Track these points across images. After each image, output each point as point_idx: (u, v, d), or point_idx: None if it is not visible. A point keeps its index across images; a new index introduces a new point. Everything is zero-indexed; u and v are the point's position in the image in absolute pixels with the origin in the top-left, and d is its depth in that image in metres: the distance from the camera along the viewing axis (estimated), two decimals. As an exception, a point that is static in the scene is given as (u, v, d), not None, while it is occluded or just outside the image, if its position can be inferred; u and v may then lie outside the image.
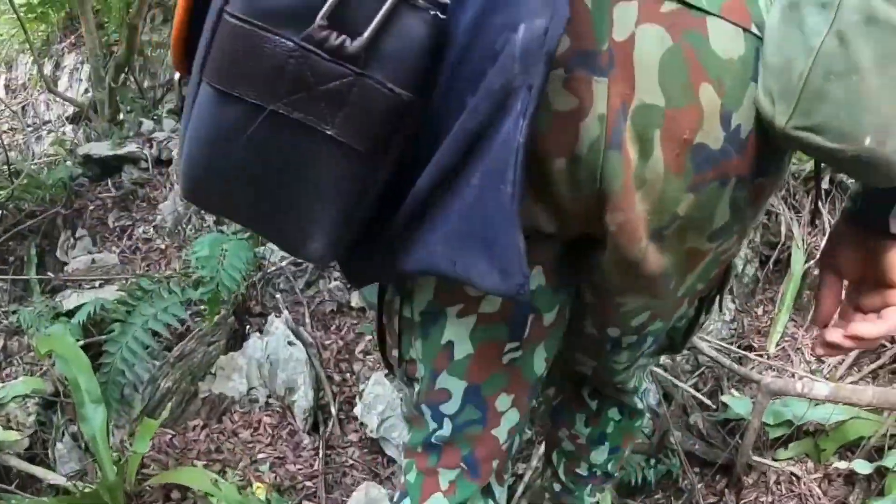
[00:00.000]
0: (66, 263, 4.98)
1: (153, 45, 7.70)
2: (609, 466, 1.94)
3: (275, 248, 4.00)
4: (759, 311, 4.24)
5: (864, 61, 0.80)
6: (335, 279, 3.94)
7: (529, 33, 0.80)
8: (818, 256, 3.65)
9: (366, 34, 0.80)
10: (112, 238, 5.03)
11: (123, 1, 8.06)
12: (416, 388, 1.28)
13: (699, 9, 0.90)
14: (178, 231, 4.83)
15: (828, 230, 4.41)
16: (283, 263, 3.77)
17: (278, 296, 3.85)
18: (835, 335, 1.07)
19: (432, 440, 1.28)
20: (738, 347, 3.95)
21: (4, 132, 8.22)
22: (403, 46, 0.82)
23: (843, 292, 1.17)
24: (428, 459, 1.30)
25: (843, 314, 1.13)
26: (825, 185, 4.35)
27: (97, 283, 4.43)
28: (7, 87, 9.22)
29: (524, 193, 0.85)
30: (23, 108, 8.81)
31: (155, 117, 5.96)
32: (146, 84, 7.93)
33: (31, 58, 9.01)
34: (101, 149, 5.43)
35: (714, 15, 0.90)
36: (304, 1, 0.81)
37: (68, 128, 7.78)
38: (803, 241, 4.19)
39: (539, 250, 1.10)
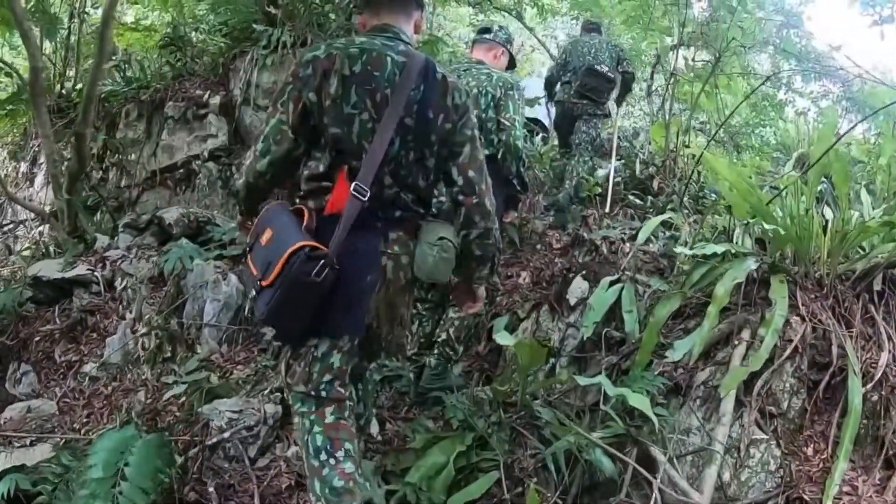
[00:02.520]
0: (15, 396, 4.29)
1: (128, 142, 7.10)
2: None
3: (221, 408, 3.22)
4: (810, 450, 3.35)
5: None
6: (295, 443, 3.15)
7: None
8: None
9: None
10: (56, 377, 4.28)
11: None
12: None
13: None
14: (125, 371, 4.06)
15: (885, 342, 3.62)
16: (227, 434, 2.98)
17: (226, 465, 3.05)
18: None
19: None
20: (787, 501, 3.09)
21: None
22: None
23: None
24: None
25: None
26: (878, 285, 3.54)
27: (28, 441, 3.67)
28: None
29: None
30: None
31: (118, 227, 5.25)
32: (123, 183, 7.32)
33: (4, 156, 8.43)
34: (51, 270, 4.71)
35: None
36: None
37: (45, 227, 7.15)
38: (858, 359, 3.34)
39: None
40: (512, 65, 4.13)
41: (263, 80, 6.53)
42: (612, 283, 3.86)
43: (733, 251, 3.41)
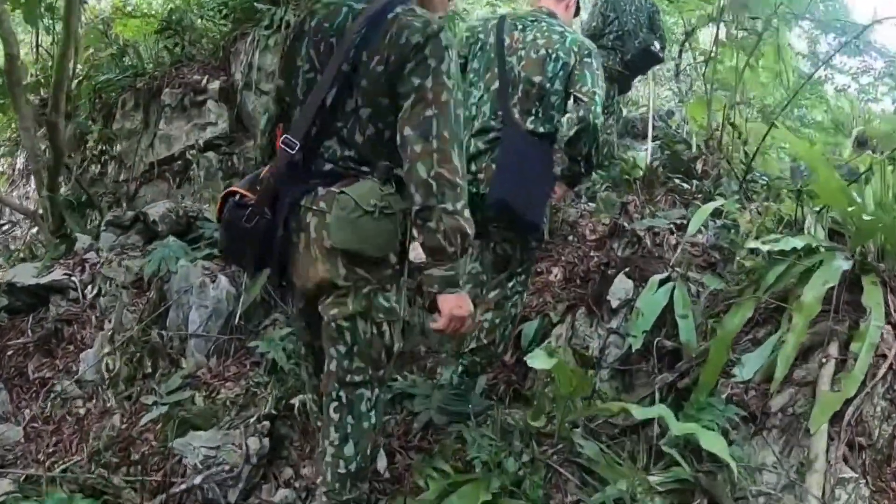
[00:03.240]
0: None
1: (126, 133, 6.56)
2: None
3: (196, 443, 2.65)
4: (907, 486, 2.72)
5: None
6: (284, 482, 2.58)
7: None
8: None
9: None
10: (29, 396, 3.73)
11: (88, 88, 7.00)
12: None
13: None
14: (100, 390, 3.52)
15: None
16: (199, 479, 2.41)
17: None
18: None
19: None
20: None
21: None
22: None
23: None
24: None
25: None
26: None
27: (-12, 475, 3.13)
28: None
29: None
30: (-5, 201, 7.66)
31: (101, 224, 4.70)
32: (122, 177, 6.80)
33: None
34: (26, 275, 4.17)
35: None
36: None
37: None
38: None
39: None
40: (576, 13, 3.39)
41: (266, 63, 5.94)
42: (661, 283, 3.24)
43: (814, 245, 2.76)
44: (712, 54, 5.51)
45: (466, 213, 2.00)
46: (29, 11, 5.03)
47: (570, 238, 4.32)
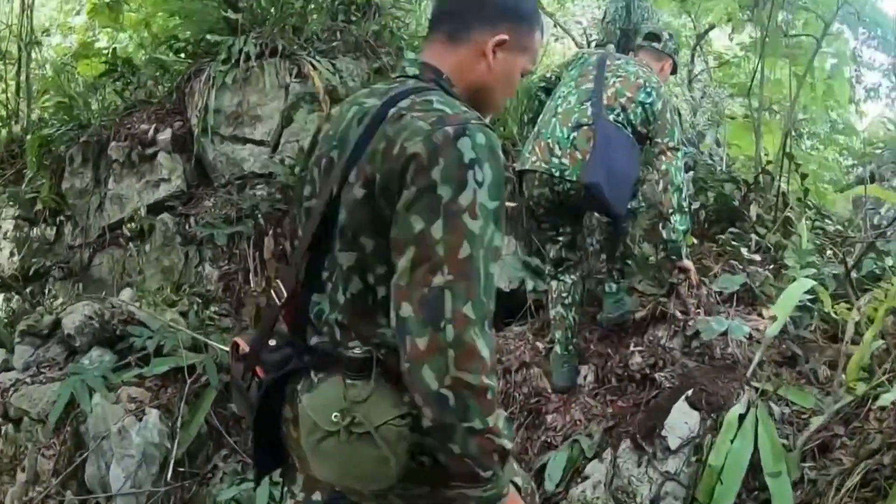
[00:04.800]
0: None
1: (76, 192, 5.62)
2: None
3: None
4: None
5: None
6: None
7: None
8: None
9: None
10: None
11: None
12: None
13: None
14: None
15: None
16: None
17: None
18: None
19: None
20: None
21: None
22: None
23: None
24: None
25: None
26: None
27: None
28: None
29: None
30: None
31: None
32: (78, 241, 5.87)
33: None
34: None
35: None
36: None
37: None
38: None
39: None
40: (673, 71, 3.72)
41: (224, 103, 4.99)
42: (741, 418, 2.28)
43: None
44: (761, 54, 4.48)
45: (502, 423, 1.29)
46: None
47: (600, 317, 3.34)
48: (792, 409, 2.44)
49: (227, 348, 1.88)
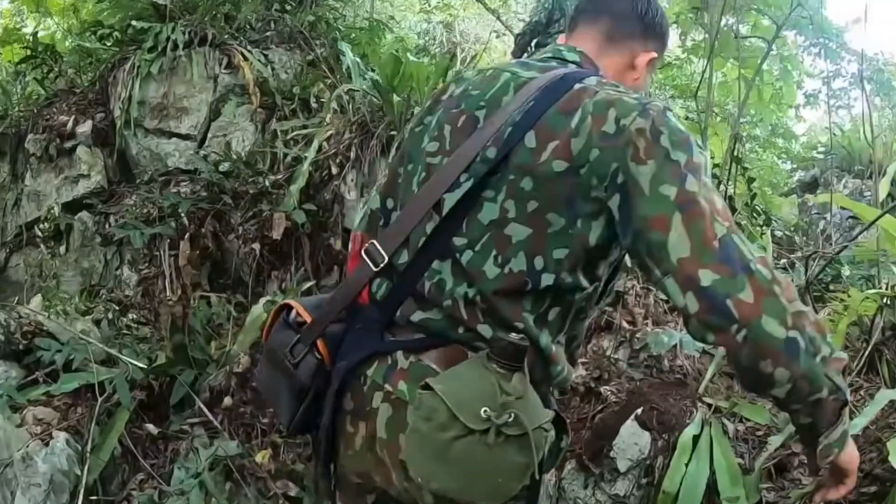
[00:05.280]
0: None
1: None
2: None
3: None
4: None
5: None
6: None
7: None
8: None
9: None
10: None
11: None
12: None
13: None
14: None
15: None
16: None
17: None
18: None
19: None
20: None
21: None
22: None
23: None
24: None
25: None
26: None
27: None
28: None
29: None
30: None
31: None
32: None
33: None
34: None
35: None
36: None
37: None
38: None
39: None
40: None
41: (149, 94, 4.70)
42: (695, 439, 2.15)
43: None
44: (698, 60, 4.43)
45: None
46: None
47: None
48: (746, 425, 2.33)
49: (140, 364, 1.67)
